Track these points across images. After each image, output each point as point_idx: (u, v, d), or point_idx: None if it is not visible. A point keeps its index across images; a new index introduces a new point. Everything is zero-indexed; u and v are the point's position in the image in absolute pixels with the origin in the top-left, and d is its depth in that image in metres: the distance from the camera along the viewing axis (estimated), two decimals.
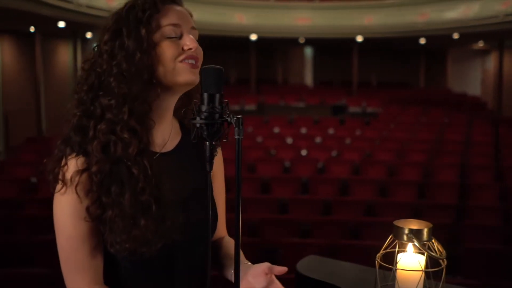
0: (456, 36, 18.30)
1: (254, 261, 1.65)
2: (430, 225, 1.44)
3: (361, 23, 18.74)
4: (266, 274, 1.56)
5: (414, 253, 1.44)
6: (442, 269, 1.43)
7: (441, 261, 1.41)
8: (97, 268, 1.58)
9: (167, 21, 1.59)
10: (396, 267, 1.43)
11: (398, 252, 1.44)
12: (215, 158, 1.71)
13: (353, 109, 19.25)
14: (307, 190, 8.76)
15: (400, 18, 18.29)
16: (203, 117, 1.37)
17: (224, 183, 1.91)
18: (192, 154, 1.70)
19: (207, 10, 18.20)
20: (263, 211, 7.43)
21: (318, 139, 12.62)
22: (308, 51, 26.39)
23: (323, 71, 25.92)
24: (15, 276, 4.95)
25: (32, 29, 13.37)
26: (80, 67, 1.62)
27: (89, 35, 18.41)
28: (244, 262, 1.67)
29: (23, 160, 10.75)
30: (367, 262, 5.53)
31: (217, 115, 1.38)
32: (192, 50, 1.59)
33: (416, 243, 1.39)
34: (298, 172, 9.68)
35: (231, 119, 1.37)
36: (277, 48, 24.70)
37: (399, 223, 1.45)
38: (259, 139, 12.60)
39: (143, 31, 1.55)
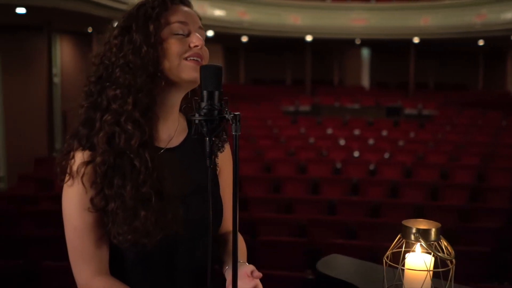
0: None
1: (299, 261, 1.68)
2: (439, 225, 1.44)
3: (418, 24, 18.49)
4: (248, 276, 1.59)
5: (422, 253, 1.44)
6: (449, 269, 1.43)
7: (448, 261, 1.41)
8: (102, 259, 1.63)
9: (175, 19, 1.65)
10: (401, 266, 1.44)
11: (406, 251, 1.45)
12: (223, 154, 1.77)
13: (408, 111, 18.98)
14: (357, 192, 8.71)
15: (457, 19, 17.99)
16: (202, 113, 1.40)
17: (231, 178, 1.94)
18: (198, 150, 1.72)
19: (262, 11, 18.29)
20: (311, 211, 7.42)
21: (371, 141, 12.52)
22: (365, 52, 26.18)
23: (379, 73, 25.68)
24: None
25: (90, 29, 13.61)
26: (91, 61, 1.68)
27: None
28: (240, 260, 1.68)
29: None
30: None
31: (216, 112, 1.41)
32: (198, 47, 1.64)
33: (422, 243, 1.40)
34: (349, 173, 9.63)
35: (228, 115, 1.40)
36: (333, 49, 24.57)
37: (407, 222, 1.45)
38: (311, 140, 12.57)
39: (151, 27, 1.62)
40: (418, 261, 1.44)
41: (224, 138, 1.81)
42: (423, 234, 1.41)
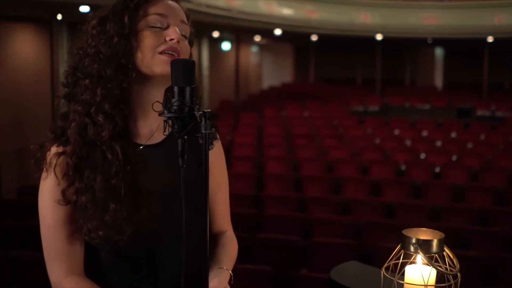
0: None
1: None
2: (442, 235, 1.33)
3: (491, 22, 17.90)
4: None
5: (423, 265, 1.33)
6: (451, 285, 1.31)
7: (450, 276, 1.29)
8: (75, 258, 1.60)
9: (154, 10, 1.60)
10: (396, 279, 1.33)
11: (405, 263, 1.34)
12: (212, 152, 1.71)
13: (481, 112, 18.42)
14: (419, 195, 8.48)
15: None
16: (172, 110, 1.34)
17: (225, 177, 1.88)
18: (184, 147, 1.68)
19: (331, 10, 18.13)
20: (369, 213, 7.27)
21: (438, 143, 12.22)
22: (438, 52, 25.60)
23: (452, 73, 25.06)
24: None
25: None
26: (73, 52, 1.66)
27: (215, 34, 18.79)
28: (223, 267, 1.67)
29: None
30: (474, 274, 5.25)
31: (186, 109, 1.34)
32: (174, 41, 1.58)
33: (421, 255, 1.29)
34: (413, 175, 9.40)
35: (197, 113, 1.33)
36: (404, 48, 24.14)
37: (407, 232, 1.35)
38: (377, 140, 12.38)
39: (126, 17, 1.58)
40: (417, 274, 1.33)
41: (213, 135, 1.76)
42: (423, 245, 1.31)
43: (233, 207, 6.16)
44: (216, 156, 1.80)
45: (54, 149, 1.58)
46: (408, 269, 1.35)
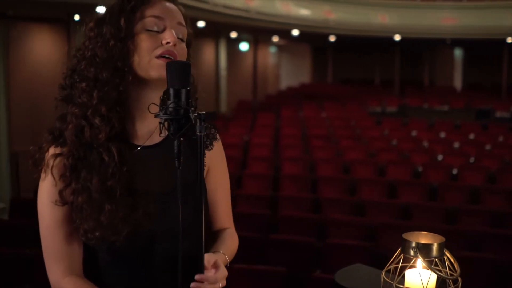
0: None
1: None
2: (443, 239, 1.33)
3: (511, 23, 17.76)
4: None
5: (423, 269, 1.33)
6: None
7: (450, 281, 1.29)
8: (73, 258, 1.63)
9: (150, 13, 1.61)
10: (396, 283, 1.33)
11: (405, 267, 1.34)
12: (212, 152, 1.72)
13: (500, 114, 18.27)
14: (435, 197, 8.43)
15: None
16: (167, 112, 1.36)
17: (225, 177, 1.90)
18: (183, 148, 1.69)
19: (348, 10, 18.09)
20: (384, 215, 7.25)
21: (456, 144, 12.15)
22: (457, 53, 25.43)
23: (472, 73, 24.85)
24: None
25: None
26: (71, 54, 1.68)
27: (233, 34, 18.81)
28: (220, 251, 1.70)
29: None
30: (488, 276, 5.20)
31: (182, 111, 1.35)
32: (170, 44, 1.59)
33: (420, 259, 1.29)
34: (429, 177, 9.34)
35: (191, 115, 1.35)
36: (423, 49, 23.99)
37: (407, 235, 1.35)
38: (394, 142, 12.32)
39: (122, 20, 1.59)
40: (417, 278, 1.33)
41: (212, 136, 1.78)
42: (423, 249, 1.31)
43: (248, 208, 6.18)
44: (216, 157, 1.83)
45: (52, 150, 1.60)
46: (408, 273, 1.35)
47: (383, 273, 1.38)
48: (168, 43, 1.59)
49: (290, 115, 15.97)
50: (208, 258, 1.53)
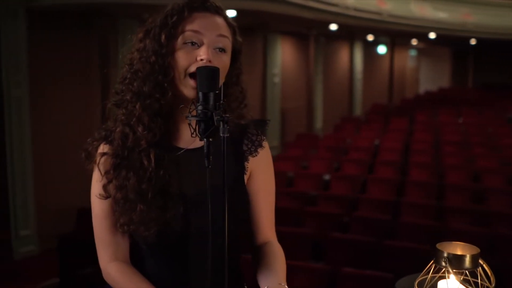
0: None
1: None
2: (477, 250, 1.30)
3: None
4: None
5: (456, 281, 1.31)
6: None
7: None
8: (119, 246, 1.76)
9: (189, 27, 1.66)
10: None
11: (437, 277, 1.32)
12: (257, 159, 1.80)
13: None
14: None
15: None
16: (196, 114, 1.44)
17: (269, 185, 1.91)
18: (227, 149, 1.74)
19: (488, 13, 17.40)
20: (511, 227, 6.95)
21: None
22: None
23: None
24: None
25: (314, 31, 13.87)
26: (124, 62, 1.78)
27: (370, 37, 18.65)
28: (281, 283, 1.70)
29: (288, 155, 11.35)
30: None
31: (209, 113, 1.42)
32: (204, 61, 1.63)
33: (449, 269, 1.27)
34: None
35: (215, 117, 1.42)
36: None
37: (441, 245, 1.33)
38: None
39: (163, 36, 1.65)
40: None
41: (258, 143, 1.81)
42: (454, 260, 1.29)
43: (369, 212, 6.13)
44: (260, 163, 1.86)
45: (101, 147, 1.74)
46: (441, 284, 1.33)
47: (416, 283, 1.37)
48: (202, 59, 1.64)
49: (424, 120, 15.59)
50: None
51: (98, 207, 1.75)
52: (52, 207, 8.16)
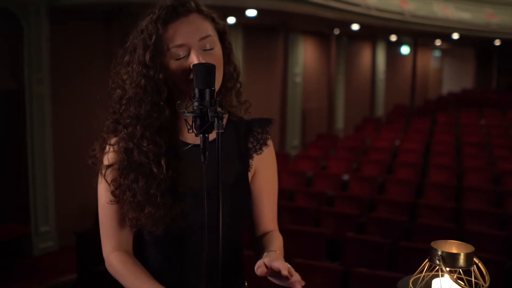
0: None
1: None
2: (472, 249, 1.30)
3: None
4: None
5: (450, 280, 1.31)
6: None
7: None
8: (123, 237, 1.80)
9: (172, 44, 1.67)
10: None
11: (430, 275, 1.33)
12: (261, 156, 1.84)
13: None
14: None
15: None
16: (191, 110, 1.46)
17: (271, 182, 1.95)
18: (232, 146, 1.78)
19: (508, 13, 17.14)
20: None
21: None
22: None
23: None
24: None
25: (336, 31, 13.86)
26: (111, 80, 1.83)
27: (393, 38, 18.54)
28: (276, 251, 1.73)
29: (308, 155, 11.36)
30: None
31: (204, 109, 1.44)
32: None
33: (442, 268, 1.27)
34: None
35: (209, 113, 1.43)
36: None
37: (436, 243, 1.33)
38: None
39: (147, 58, 1.67)
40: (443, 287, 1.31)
41: (263, 141, 1.84)
42: (447, 259, 1.29)
43: (386, 213, 6.13)
44: (264, 161, 1.89)
45: (105, 159, 1.78)
46: (435, 282, 1.33)
47: (411, 282, 1.37)
48: None
49: (446, 121, 15.49)
50: (281, 265, 1.54)
51: (105, 197, 1.79)
52: (71, 203, 8.24)
